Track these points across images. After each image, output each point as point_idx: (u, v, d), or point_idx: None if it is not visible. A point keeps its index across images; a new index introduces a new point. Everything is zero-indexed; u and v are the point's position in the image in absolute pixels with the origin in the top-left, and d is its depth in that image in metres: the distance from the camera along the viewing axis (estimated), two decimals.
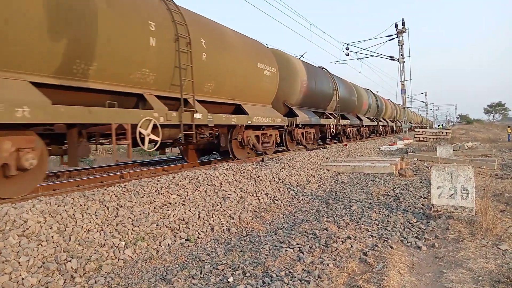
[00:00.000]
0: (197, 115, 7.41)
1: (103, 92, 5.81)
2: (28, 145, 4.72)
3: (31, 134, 4.84)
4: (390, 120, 34.15)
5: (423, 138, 23.57)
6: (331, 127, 16.21)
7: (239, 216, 5.27)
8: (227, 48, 8.69)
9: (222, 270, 3.33)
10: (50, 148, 5.86)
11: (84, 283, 3.19)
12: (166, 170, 8.90)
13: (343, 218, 5.00)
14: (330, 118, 16.20)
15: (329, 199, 6.48)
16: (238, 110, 9.60)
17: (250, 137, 9.91)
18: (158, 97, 6.78)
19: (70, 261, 3.35)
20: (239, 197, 5.97)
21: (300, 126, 13.37)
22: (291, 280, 2.99)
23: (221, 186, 6.11)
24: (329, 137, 16.73)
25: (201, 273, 3.28)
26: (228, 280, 3.08)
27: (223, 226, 4.89)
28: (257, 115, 9.89)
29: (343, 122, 18.07)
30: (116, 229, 4.05)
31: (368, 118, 24.87)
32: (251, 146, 10.12)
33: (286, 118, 12.07)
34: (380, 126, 28.98)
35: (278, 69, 11.49)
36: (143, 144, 6.10)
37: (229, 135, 9.36)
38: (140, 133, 6.03)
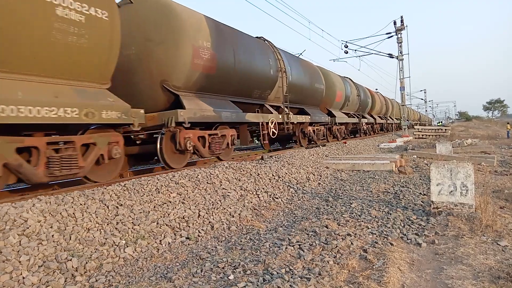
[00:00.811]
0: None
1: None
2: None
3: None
4: (379, 117, 29.23)
5: (422, 135, 23.60)
6: (271, 126, 10.82)
7: (239, 214, 5.27)
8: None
9: (223, 268, 3.33)
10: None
11: (85, 281, 3.19)
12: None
13: (343, 215, 5.01)
14: (272, 113, 11.04)
15: (329, 197, 6.49)
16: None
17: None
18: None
19: (70, 260, 3.35)
20: (239, 195, 5.98)
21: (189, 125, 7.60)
22: (291, 277, 3.00)
23: (221, 184, 6.12)
24: (265, 141, 11.09)
25: (201, 271, 3.28)
26: (229, 277, 3.08)
27: (223, 224, 4.90)
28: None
29: (299, 118, 13.04)
30: (116, 228, 4.05)
31: (345, 113, 19.60)
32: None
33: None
34: (363, 124, 23.13)
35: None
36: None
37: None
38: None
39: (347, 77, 22.03)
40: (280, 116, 11.54)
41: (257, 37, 11.61)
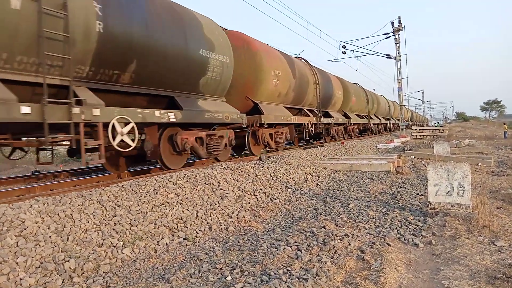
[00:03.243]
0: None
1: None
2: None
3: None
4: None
5: (420, 135, 23.66)
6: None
7: (237, 215, 5.28)
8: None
9: (220, 268, 3.34)
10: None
11: (82, 283, 3.19)
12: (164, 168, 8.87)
13: (341, 216, 5.02)
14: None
15: (326, 197, 6.50)
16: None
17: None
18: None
19: (68, 261, 3.35)
20: (237, 196, 5.98)
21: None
22: (289, 278, 3.00)
23: (218, 185, 6.12)
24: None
25: (199, 272, 3.28)
26: (227, 278, 3.08)
27: (221, 225, 4.90)
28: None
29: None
30: (114, 229, 4.05)
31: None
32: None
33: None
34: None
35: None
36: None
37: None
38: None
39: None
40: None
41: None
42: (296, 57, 14.57)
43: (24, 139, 6.02)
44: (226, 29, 9.85)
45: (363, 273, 3.12)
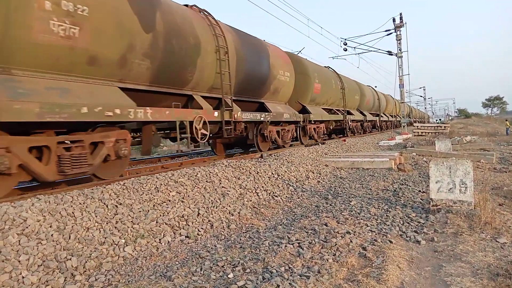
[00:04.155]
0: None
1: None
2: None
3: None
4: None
5: (421, 132, 23.61)
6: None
7: (239, 213, 5.28)
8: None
9: (222, 266, 3.34)
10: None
11: (84, 281, 3.20)
12: (165, 167, 8.89)
13: (343, 213, 5.01)
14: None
15: (328, 195, 6.49)
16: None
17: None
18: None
19: (70, 259, 3.36)
20: (238, 193, 5.98)
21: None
22: (291, 275, 3.00)
23: (220, 183, 6.12)
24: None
25: (201, 269, 3.29)
26: (228, 276, 3.08)
27: (222, 223, 4.90)
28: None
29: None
30: (115, 227, 4.05)
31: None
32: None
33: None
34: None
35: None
36: None
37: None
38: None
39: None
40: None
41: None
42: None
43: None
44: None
45: (365, 270, 3.12)
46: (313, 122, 14.12)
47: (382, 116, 28.88)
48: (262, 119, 10.07)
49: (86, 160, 5.30)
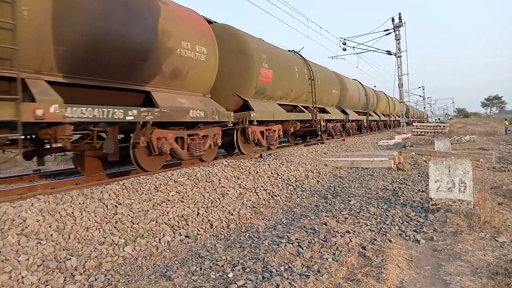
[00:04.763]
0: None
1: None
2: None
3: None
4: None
5: (421, 132, 23.63)
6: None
7: (238, 212, 5.28)
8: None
9: (222, 266, 3.34)
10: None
11: (84, 280, 3.19)
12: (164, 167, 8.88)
13: (342, 212, 5.02)
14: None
15: (327, 194, 6.50)
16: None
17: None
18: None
19: (69, 259, 3.36)
20: (238, 193, 5.98)
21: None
22: (290, 275, 3.00)
23: (219, 183, 6.12)
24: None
25: (201, 269, 3.29)
26: (228, 275, 3.08)
27: (222, 222, 4.90)
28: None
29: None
30: (115, 227, 4.05)
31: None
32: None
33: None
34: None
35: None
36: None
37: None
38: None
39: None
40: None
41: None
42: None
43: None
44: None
45: (364, 270, 3.12)
46: (256, 123, 9.89)
47: (371, 115, 25.09)
48: (128, 118, 5.85)
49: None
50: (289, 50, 13.95)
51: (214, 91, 8.85)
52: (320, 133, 14.93)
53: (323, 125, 15.01)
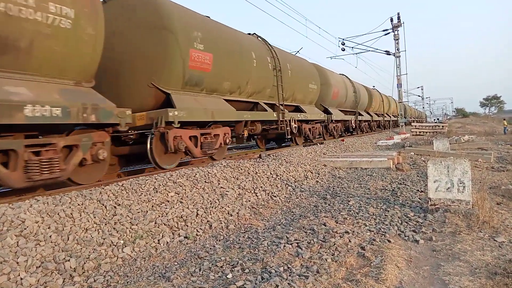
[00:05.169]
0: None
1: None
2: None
3: None
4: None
5: (419, 132, 23.66)
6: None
7: (237, 213, 5.28)
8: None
9: (221, 266, 3.34)
10: None
11: (83, 282, 3.19)
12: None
13: (341, 213, 5.02)
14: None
15: (327, 195, 6.50)
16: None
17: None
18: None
19: (68, 260, 3.35)
20: (237, 194, 5.98)
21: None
22: (289, 275, 3.00)
23: (218, 183, 6.12)
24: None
25: (200, 270, 3.28)
26: (227, 276, 3.08)
27: (221, 223, 4.90)
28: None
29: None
30: (114, 228, 4.05)
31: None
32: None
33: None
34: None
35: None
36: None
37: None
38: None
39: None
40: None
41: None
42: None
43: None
44: None
45: (363, 270, 3.13)
46: (180, 126, 7.05)
47: (362, 115, 22.79)
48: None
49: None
50: (249, 34, 11.30)
51: (119, 81, 6.99)
52: (289, 136, 12.09)
53: (295, 127, 12.16)
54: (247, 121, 9.78)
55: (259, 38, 11.58)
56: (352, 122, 20.39)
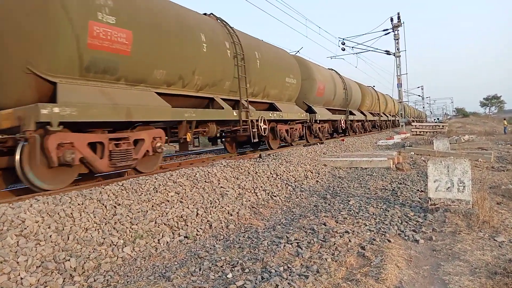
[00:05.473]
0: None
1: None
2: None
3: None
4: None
5: (420, 132, 23.67)
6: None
7: (237, 213, 5.28)
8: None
9: (221, 266, 3.34)
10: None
11: (83, 281, 3.19)
12: (163, 167, 8.88)
13: (341, 212, 5.02)
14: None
15: (327, 194, 6.50)
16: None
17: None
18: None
19: (69, 260, 3.35)
20: (237, 193, 5.98)
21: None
22: (289, 275, 3.00)
23: (219, 183, 6.12)
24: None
25: (200, 269, 3.29)
26: (227, 276, 3.09)
27: (221, 223, 4.90)
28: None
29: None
30: (114, 228, 4.05)
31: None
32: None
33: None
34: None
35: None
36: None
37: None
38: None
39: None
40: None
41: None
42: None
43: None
44: None
45: (363, 270, 3.13)
46: (59, 128, 4.87)
47: (354, 114, 20.88)
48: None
49: None
50: (205, 14, 9.27)
51: None
52: (255, 140, 9.60)
53: (264, 128, 10.14)
54: (192, 122, 7.66)
55: (218, 20, 9.39)
56: (342, 122, 18.41)
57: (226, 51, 8.71)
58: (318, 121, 14.81)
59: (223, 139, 11.73)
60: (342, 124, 18.41)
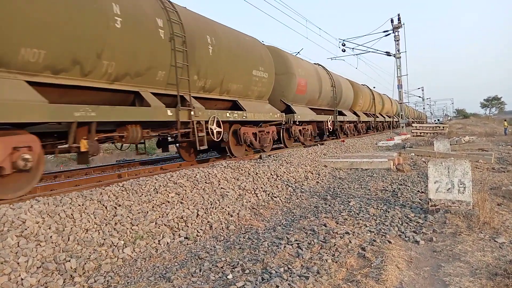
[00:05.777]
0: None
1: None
2: None
3: None
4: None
5: (420, 133, 23.66)
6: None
7: (238, 214, 5.28)
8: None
9: (221, 267, 3.34)
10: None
11: (83, 282, 3.19)
12: (164, 168, 8.89)
13: (342, 213, 5.02)
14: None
15: (327, 195, 6.50)
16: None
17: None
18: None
19: (69, 260, 3.35)
20: (237, 194, 5.98)
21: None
22: (290, 276, 3.00)
23: (219, 184, 6.12)
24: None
25: (200, 270, 3.29)
26: (228, 277, 3.09)
27: (221, 224, 4.90)
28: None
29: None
30: (114, 228, 4.05)
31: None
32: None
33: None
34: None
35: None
36: None
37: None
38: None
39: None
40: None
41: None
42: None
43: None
44: None
45: (364, 271, 3.12)
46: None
47: (344, 115, 18.82)
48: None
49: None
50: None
51: None
52: (204, 146, 7.53)
53: (217, 131, 8.14)
54: (91, 124, 5.39)
55: None
56: (329, 123, 16.14)
57: (157, 31, 6.45)
58: (298, 123, 12.80)
59: (178, 144, 9.73)
60: (329, 126, 16.19)
